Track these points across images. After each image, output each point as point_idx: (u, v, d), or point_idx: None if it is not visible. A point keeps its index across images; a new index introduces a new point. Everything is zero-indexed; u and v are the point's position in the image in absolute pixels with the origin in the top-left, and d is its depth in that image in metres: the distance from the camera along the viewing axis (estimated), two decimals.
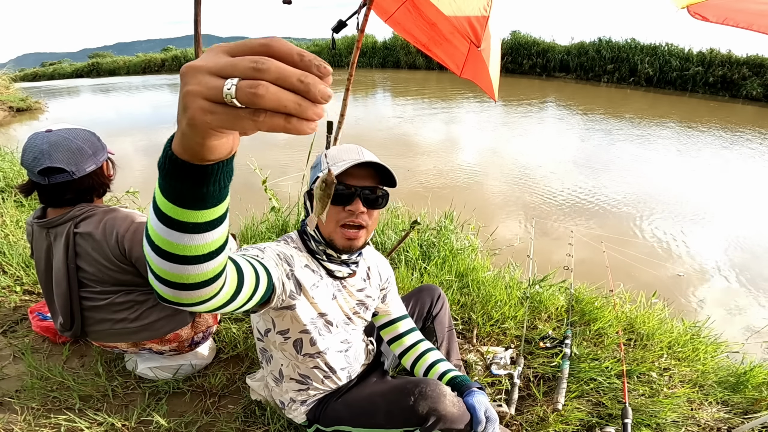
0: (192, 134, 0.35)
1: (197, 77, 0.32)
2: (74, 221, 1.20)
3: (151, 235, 0.46)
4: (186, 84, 0.32)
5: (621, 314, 1.98)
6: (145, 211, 2.95)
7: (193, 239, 0.45)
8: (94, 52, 29.45)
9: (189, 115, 0.32)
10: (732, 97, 11.78)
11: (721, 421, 1.47)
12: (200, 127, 0.33)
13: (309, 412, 1.13)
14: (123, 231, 1.18)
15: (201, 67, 0.32)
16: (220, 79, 0.31)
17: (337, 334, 1.06)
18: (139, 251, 1.18)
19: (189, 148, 0.37)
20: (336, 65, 18.67)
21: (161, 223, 0.44)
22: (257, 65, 0.30)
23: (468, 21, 1.54)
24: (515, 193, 4.53)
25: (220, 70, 0.31)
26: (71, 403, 1.38)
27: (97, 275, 1.24)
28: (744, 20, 1.32)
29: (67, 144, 1.15)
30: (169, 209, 0.43)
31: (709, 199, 4.54)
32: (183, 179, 0.40)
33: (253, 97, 0.30)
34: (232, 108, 0.31)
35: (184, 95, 0.32)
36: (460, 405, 0.96)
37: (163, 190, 0.42)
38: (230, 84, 0.30)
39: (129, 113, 10.18)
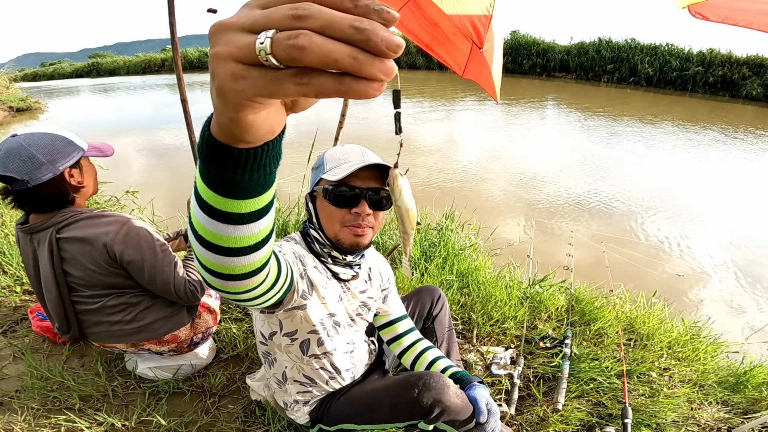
0: (224, 107, 0.28)
1: (226, 36, 0.26)
2: (56, 227, 1.17)
3: (194, 224, 0.43)
4: (213, 45, 0.26)
5: (621, 314, 1.98)
6: (135, 213, 2.94)
7: (237, 230, 0.41)
8: (94, 52, 29.46)
9: (218, 82, 0.26)
10: (732, 97, 11.79)
11: (721, 421, 1.47)
12: (231, 98, 0.27)
13: (312, 413, 1.13)
14: (112, 235, 1.15)
15: (231, 23, 0.26)
16: (250, 35, 0.25)
17: (343, 335, 1.07)
18: (131, 255, 1.17)
19: (224, 126, 0.31)
20: None
21: (203, 212, 0.40)
22: (297, 11, 0.24)
23: (471, 21, 1.53)
24: (516, 193, 4.53)
25: (252, 24, 0.25)
26: (71, 403, 1.38)
27: (86, 279, 1.22)
28: (744, 19, 1.32)
29: (19, 152, 1.09)
30: (210, 197, 0.39)
31: (710, 199, 4.54)
32: (223, 164, 0.34)
33: (292, 51, 0.23)
34: (269, 69, 0.25)
35: (212, 59, 0.26)
36: (463, 396, 0.96)
37: (203, 176, 0.38)
38: (264, 37, 0.24)
39: (129, 113, 10.18)
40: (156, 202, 3.09)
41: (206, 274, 0.49)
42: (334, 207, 0.92)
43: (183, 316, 1.39)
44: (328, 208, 0.93)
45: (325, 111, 9.30)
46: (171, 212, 3.12)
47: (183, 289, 1.26)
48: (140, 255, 1.19)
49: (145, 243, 1.20)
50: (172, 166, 5.52)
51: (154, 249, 1.21)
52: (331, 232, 0.95)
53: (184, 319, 1.39)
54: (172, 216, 2.93)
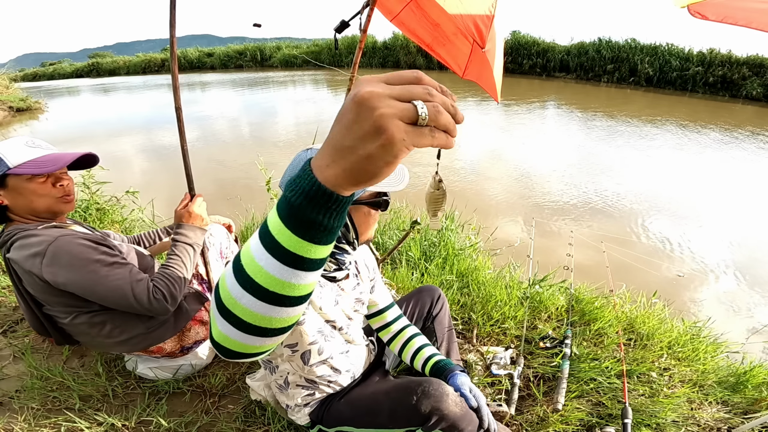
0: (384, 155, 0.35)
1: (385, 101, 0.34)
2: (6, 246, 1.12)
3: (255, 276, 0.41)
4: (376, 107, 0.34)
5: (621, 314, 1.98)
6: (135, 213, 2.94)
7: (304, 278, 0.42)
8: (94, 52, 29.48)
9: (389, 135, 0.34)
10: (732, 97, 11.78)
11: (721, 421, 1.47)
12: (397, 146, 0.35)
13: (312, 414, 1.13)
14: (39, 260, 1.06)
15: (383, 93, 0.35)
16: (406, 102, 0.35)
17: (341, 336, 1.07)
18: (64, 277, 1.08)
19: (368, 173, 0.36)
20: (336, 65, 18.69)
21: (279, 261, 0.40)
22: (429, 92, 0.36)
23: (473, 21, 1.53)
24: (516, 193, 4.53)
25: (399, 95, 0.35)
26: (71, 403, 1.38)
27: (43, 298, 1.17)
28: (743, 18, 1.31)
29: None
30: (295, 245, 0.39)
31: (710, 199, 4.54)
32: (328, 210, 0.38)
33: (438, 116, 0.36)
34: (419, 127, 0.35)
35: (379, 117, 0.34)
36: (463, 405, 0.96)
37: (294, 226, 0.39)
38: (422, 106, 0.35)
39: (129, 113, 10.18)
40: (156, 202, 3.09)
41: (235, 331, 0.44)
42: (382, 212, 1.00)
43: (163, 331, 1.33)
44: (374, 216, 0.99)
45: (325, 111, 9.30)
46: (171, 212, 3.11)
47: (146, 299, 1.14)
48: (75, 276, 1.08)
49: (78, 262, 1.08)
50: (172, 166, 5.52)
51: (92, 266, 1.09)
52: (368, 236, 1.01)
53: (164, 334, 1.33)
54: (172, 216, 2.93)
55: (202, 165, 5.30)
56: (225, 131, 7.47)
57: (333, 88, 13.26)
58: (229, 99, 11.55)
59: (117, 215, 2.88)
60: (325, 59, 18.95)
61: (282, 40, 22.64)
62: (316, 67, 18.93)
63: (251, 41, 22.54)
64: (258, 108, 10.05)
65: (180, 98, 1.32)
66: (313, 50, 19.44)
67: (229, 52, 21.37)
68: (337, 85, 13.61)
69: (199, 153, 5.88)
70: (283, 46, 20.98)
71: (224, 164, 5.44)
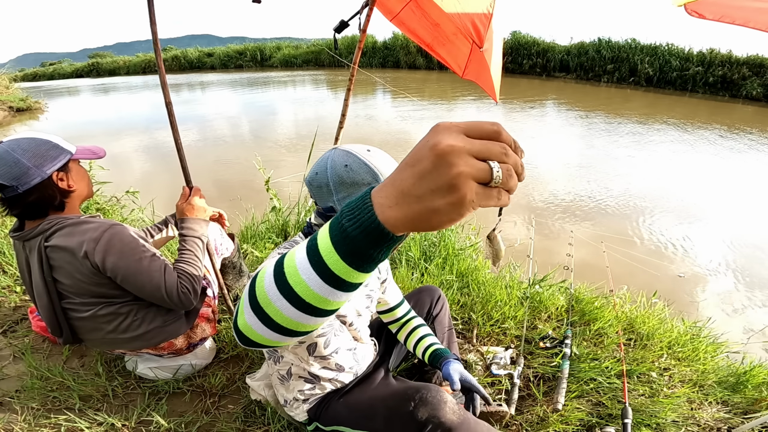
0: (451, 212, 0.35)
1: (465, 159, 0.34)
2: (44, 235, 1.15)
3: (295, 286, 0.43)
4: (455, 165, 0.33)
5: (621, 314, 1.98)
6: (135, 213, 2.94)
7: (341, 296, 0.44)
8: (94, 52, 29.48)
9: (461, 195, 0.34)
10: (732, 97, 11.77)
11: (721, 421, 1.47)
12: (466, 207, 0.34)
13: (310, 410, 1.13)
14: (93, 244, 1.12)
15: (462, 148, 0.34)
16: (483, 162, 0.35)
17: (349, 332, 1.09)
18: (113, 263, 1.14)
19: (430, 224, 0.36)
20: (336, 65, 18.68)
21: (323, 279, 0.41)
22: (506, 152, 0.36)
23: (471, 20, 1.54)
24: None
25: (478, 152, 0.35)
26: (71, 403, 1.38)
27: (74, 288, 1.20)
28: (741, 17, 1.31)
29: (5, 158, 1.08)
30: (341, 270, 0.40)
31: (710, 199, 4.54)
32: (379, 247, 0.39)
33: (509, 180, 0.36)
34: (489, 188, 0.35)
35: (457, 176, 0.33)
36: (461, 413, 0.95)
37: (344, 254, 0.40)
38: (497, 169, 0.35)
39: (129, 113, 10.18)
40: (156, 202, 3.09)
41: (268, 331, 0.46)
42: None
43: (179, 325, 1.36)
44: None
45: (324, 111, 9.30)
46: (171, 212, 3.12)
47: (176, 293, 1.21)
48: (124, 262, 1.15)
49: (128, 249, 1.16)
50: (172, 166, 5.52)
51: (140, 255, 1.17)
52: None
53: (179, 329, 1.36)
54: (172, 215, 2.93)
55: (202, 165, 5.30)
56: (225, 131, 7.48)
57: (332, 88, 13.26)
58: (229, 99, 11.55)
59: (117, 215, 2.88)
60: (325, 59, 18.97)
61: (282, 40, 22.64)
62: (316, 67, 18.94)
63: (251, 41, 22.54)
64: (258, 108, 10.05)
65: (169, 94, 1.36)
66: (313, 50, 19.45)
67: (229, 52, 21.37)
68: (336, 85, 13.61)
69: (199, 153, 5.88)
70: (283, 46, 20.98)
71: (224, 164, 5.44)
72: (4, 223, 2.63)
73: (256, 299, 0.46)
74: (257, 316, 0.46)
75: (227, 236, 1.78)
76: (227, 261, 1.77)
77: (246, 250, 2.40)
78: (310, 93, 12.50)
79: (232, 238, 1.82)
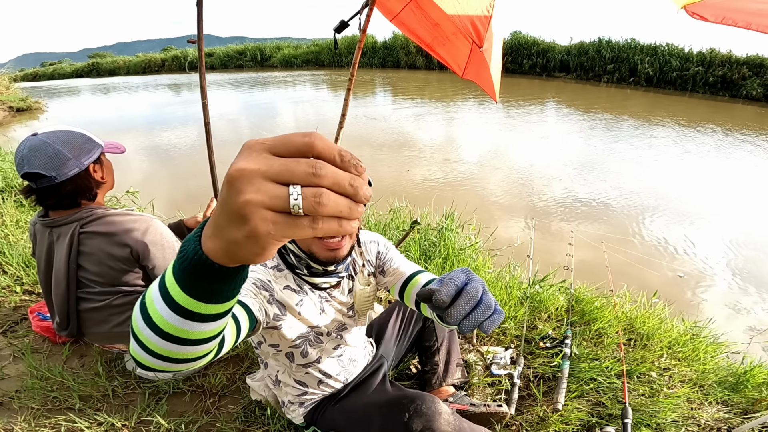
0: (250, 246, 0.31)
1: (255, 184, 0.29)
2: (81, 221, 1.20)
3: (153, 316, 0.43)
4: (242, 192, 0.29)
5: (621, 314, 1.98)
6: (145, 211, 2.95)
7: (202, 326, 0.43)
8: (94, 52, 29.49)
9: (251, 227, 0.29)
10: (732, 97, 11.76)
11: (721, 421, 1.47)
12: (263, 239, 0.30)
13: (306, 415, 1.13)
14: (138, 234, 1.21)
15: (255, 171, 0.29)
16: (280, 186, 0.29)
17: (331, 342, 1.05)
18: (153, 254, 1.23)
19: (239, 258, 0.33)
20: (336, 65, 18.68)
21: (171, 310, 0.41)
22: (315, 171, 0.29)
23: (471, 21, 1.54)
24: (515, 193, 4.53)
25: (276, 175, 0.29)
26: (71, 403, 1.38)
27: (99, 275, 1.25)
28: (742, 19, 1.31)
29: (44, 149, 1.12)
30: (185, 301, 0.40)
31: (711, 198, 4.54)
32: (213, 280, 0.37)
33: (318, 207, 0.29)
34: (294, 217, 0.29)
35: (243, 205, 0.29)
36: (456, 423, 0.94)
37: (183, 286, 0.39)
38: (296, 195, 0.29)
39: (129, 113, 10.18)
40: (156, 202, 3.09)
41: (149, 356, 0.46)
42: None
43: None
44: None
45: (324, 110, 9.30)
46: (171, 212, 3.12)
47: None
48: (162, 257, 1.25)
49: (167, 243, 1.27)
50: (172, 166, 5.52)
51: (173, 247, 1.28)
52: (305, 245, 0.91)
53: None
54: (172, 216, 2.93)
55: (202, 164, 5.30)
56: (225, 131, 7.47)
57: (332, 88, 13.26)
58: (229, 99, 11.55)
59: None
60: (325, 59, 18.96)
61: (282, 40, 22.64)
62: (316, 67, 18.94)
63: (251, 41, 22.54)
64: (258, 108, 10.05)
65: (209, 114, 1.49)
66: (313, 50, 19.44)
67: (229, 52, 21.36)
68: (337, 85, 13.61)
69: (199, 153, 5.88)
70: (283, 46, 20.98)
71: (224, 164, 5.42)
72: (4, 222, 2.63)
73: (132, 326, 0.46)
74: (136, 342, 0.46)
75: None
76: None
77: None
78: (310, 93, 12.50)
79: None
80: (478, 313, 0.53)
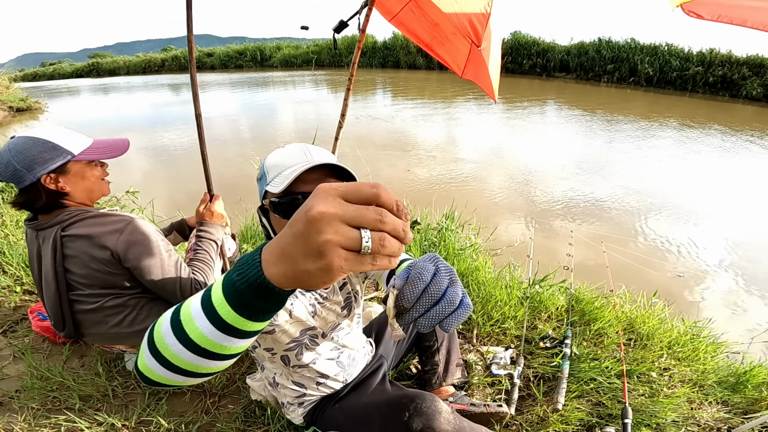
0: (321, 276, 0.36)
1: (334, 226, 0.34)
2: (62, 224, 1.17)
3: (190, 333, 0.45)
4: (322, 232, 0.34)
5: (621, 314, 1.98)
6: (135, 213, 2.94)
7: (238, 342, 0.46)
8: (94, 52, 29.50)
9: (327, 262, 0.35)
10: (732, 97, 11.77)
11: (721, 421, 1.47)
12: (335, 272, 0.35)
13: (306, 415, 1.13)
14: (117, 236, 1.16)
15: (333, 215, 0.34)
16: (353, 229, 0.35)
17: (327, 343, 1.05)
18: (135, 256, 1.17)
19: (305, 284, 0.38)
20: (336, 65, 18.68)
21: (216, 327, 0.44)
22: (381, 218, 0.35)
23: (468, 19, 1.54)
24: (516, 193, 4.53)
25: (350, 219, 0.35)
26: (71, 403, 1.38)
27: (87, 278, 1.22)
28: (738, 16, 1.31)
29: (1, 157, 1.10)
30: (233, 319, 0.43)
31: (710, 199, 4.54)
32: (267, 300, 0.41)
33: (381, 248, 0.35)
34: (361, 255, 0.36)
35: (323, 243, 0.34)
36: (456, 423, 0.94)
37: (234, 304, 0.42)
38: (367, 238, 0.35)
39: (129, 113, 10.18)
40: (156, 202, 3.09)
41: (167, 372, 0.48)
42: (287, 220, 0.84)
43: None
44: (281, 222, 0.84)
45: (324, 110, 9.30)
46: (171, 212, 3.12)
47: (189, 289, 1.24)
48: (145, 256, 1.19)
49: (150, 244, 1.20)
50: (172, 165, 5.52)
51: (160, 250, 1.21)
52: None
53: None
54: (172, 216, 2.93)
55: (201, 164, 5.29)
56: (225, 131, 7.48)
57: (332, 88, 13.25)
58: (229, 99, 11.55)
59: None
60: (325, 59, 18.97)
61: (282, 40, 22.64)
62: (316, 67, 18.94)
63: (251, 41, 22.55)
64: (257, 108, 10.05)
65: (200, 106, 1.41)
66: (313, 50, 19.45)
67: (229, 52, 21.38)
68: (337, 85, 13.61)
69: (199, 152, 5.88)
70: (283, 46, 20.99)
71: (224, 164, 5.44)
72: (4, 222, 2.63)
73: (154, 343, 0.48)
74: (156, 359, 0.48)
75: (230, 237, 1.80)
76: (229, 260, 1.79)
77: (246, 249, 2.40)
78: (310, 93, 12.50)
79: (233, 239, 1.83)
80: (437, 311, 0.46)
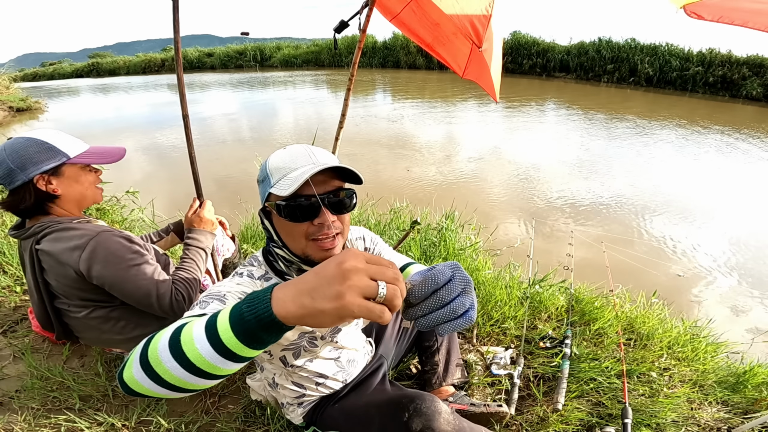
0: (333, 314, 0.44)
1: (360, 277, 0.44)
2: (36, 237, 1.14)
3: (188, 353, 0.49)
4: (349, 279, 0.43)
5: (621, 314, 1.98)
6: (135, 213, 2.94)
7: (232, 365, 0.50)
8: (94, 52, 29.49)
9: (345, 303, 0.43)
10: (732, 97, 11.77)
11: (721, 421, 1.47)
12: (347, 313, 0.43)
13: (306, 415, 1.13)
14: (78, 252, 1.10)
15: (362, 269, 0.44)
16: (373, 281, 0.44)
17: (326, 345, 1.05)
18: (98, 272, 1.11)
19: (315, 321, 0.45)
20: (336, 65, 18.68)
21: (215, 351, 0.48)
22: (396, 278, 0.46)
23: (470, 21, 1.54)
24: (516, 193, 4.53)
25: (374, 274, 0.45)
26: (71, 403, 1.38)
27: (64, 291, 1.20)
28: (739, 17, 1.31)
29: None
30: (234, 345, 0.48)
31: (710, 199, 4.54)
32: (271, 332, 0.47)
33: (393, 299, 0.45)
34: (372, 303, 0.44)
35: (348, 288, 0.43)
36: (455, 423, 0.94)
37: (238, 332, 0.47)
38: (383, 288, 0.44)
39: (129, 113, 10.18)
40: (156, 202, 3.09)
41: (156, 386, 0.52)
42: (294, 223, 0.83)
43: None
44: (286, 225, 0.84)
45: (324, 110, 9.30)
46: (171, 212, 3.12)
47: (168, 299, 1.17)
48: (109, 271, 1.12)
49: (114, 258, 1.12)
50: (172, 165, 5.52)
51: (126, 263, 1.14)
52: (299, 249, 0.87)
53: None
54: (172, 215, 2.93)
55: (202, 165, 5.28)
56: (225, 131, 7.48)
57: (332, 88, 13.26)
58: (229, 99, 11.55)
59: (117, 215, 2.88)
60: (325, 59, 18.96)
61: (282, 40, 22.64)
62: (316, 67, 18.94)
63: (251, 41, 22.54)
64: (257, 108, 10.05)
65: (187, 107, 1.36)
66: (313, 50, 19.45)
67: (229, 52, 21.37)
68: (337, 85, 13.61)
69: (199, 153, 5.87)
70: (283, 46, 20.98)
71: (224, 164, 5.44)
72: (4, 222, 2.63)
73: (147, 358, 0.52)
74: (146, 373, 0.51)
75: (228, 238, 1.79)
76: (228, 261, 1.78)
77: (246, 250, 2.40)
78: (310, 93, 12.50)
79: (233, 240, 1.82)
80: (439, 315, 0.51)
